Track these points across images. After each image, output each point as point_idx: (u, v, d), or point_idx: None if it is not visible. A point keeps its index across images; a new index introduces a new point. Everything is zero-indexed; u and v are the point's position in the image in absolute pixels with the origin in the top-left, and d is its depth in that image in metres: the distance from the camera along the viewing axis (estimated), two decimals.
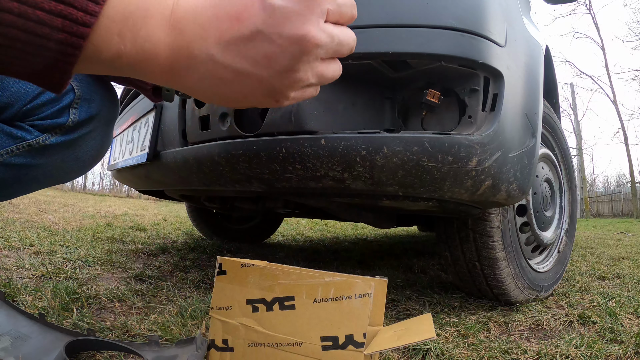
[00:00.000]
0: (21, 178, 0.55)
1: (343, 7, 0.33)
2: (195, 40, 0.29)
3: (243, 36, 0.29)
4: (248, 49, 0.29)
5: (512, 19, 0.80)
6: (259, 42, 0.29)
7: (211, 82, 0.31)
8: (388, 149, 0.67)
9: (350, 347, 0.49)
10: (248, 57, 0.29)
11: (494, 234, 0.95)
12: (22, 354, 0.59)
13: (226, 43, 0.29)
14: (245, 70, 0.30)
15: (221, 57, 0.29)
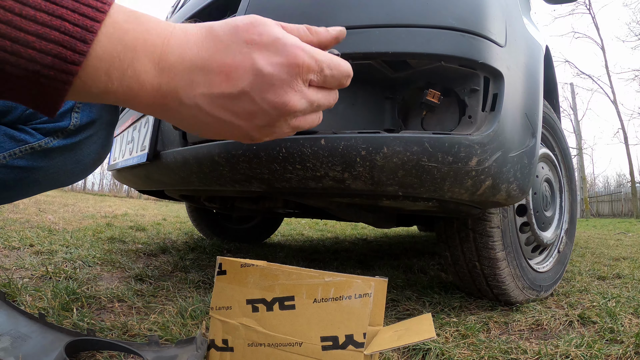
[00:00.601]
0: (23, 180, 0.55)
1: (330, 77, 0.35)
2: (184, 88, 0.30)
3: (230, 94, 0.31)
4: (233, 104, 0.31)
5: (512, 19, 0.80)
6: (243, 101, 0.31)
7: (193, 122, 0.33)
8: (388, 149, 0.67)
9: (350, 347, 0.49)
10: (231, 111, 0.32)
11: (494, 234, 0.95)
12: (22, 354, 0.59)
13: (213, 96, 0.31)
14: (227, 120, 0.32)
15: (206, 107, 0.31)
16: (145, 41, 0.29)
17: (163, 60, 0.29)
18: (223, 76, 0.30)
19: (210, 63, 0.30)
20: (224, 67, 0.30)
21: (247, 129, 0.33)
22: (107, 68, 0.27)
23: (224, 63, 0.30)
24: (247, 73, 0.30)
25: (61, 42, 0.25)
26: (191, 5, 1.03)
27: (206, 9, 0.95)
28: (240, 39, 0.31)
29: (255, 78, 0.31)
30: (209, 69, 0.30)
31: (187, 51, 0.30)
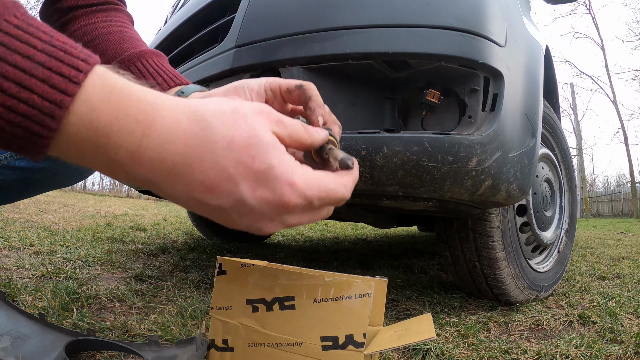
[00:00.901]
0: (25, 181, 0.55)
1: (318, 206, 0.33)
2: (162, 183, 0.28)
3: (208, 203, 0.29)
4: (210, 208, 0.30)
5: (512, 19, 0.80)
6: (222, 213, 0.30)
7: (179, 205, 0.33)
8: (388, 149, 0.67)
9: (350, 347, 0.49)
10: (209, 211, 0.30)
11: (494, 234, 0.95)
12: (22, 354, 0.59)
13: (192, 197, 0.29)
14: (208, 216, 0.31)
15: (184, 201, 0.30)
16: (120, 129, 0.25)
17: (140, 155, 0.26)
18: (204, 187, 0.28)
19: (193, 171, 0.27)
20: (207, 181, 0.28)
21: (229, 224, 0.32)
22: (78, 150, 0.25)
23: (208, 177, 0.28)
24: (229, 196, 0.29)
25: (30, 116, 0.23)
26: (191, 5, 1.03)
27: (206, 9, 0.95)
28: (232, 156, 0.28)
29: (235, 203, 0.29)
30: (191, 177, 0.28)
31: (171, 148, 0.27)
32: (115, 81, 0.26)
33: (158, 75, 0.53)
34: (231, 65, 0.78)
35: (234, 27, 0.81)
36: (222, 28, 0.87)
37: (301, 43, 0.72)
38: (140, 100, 0.26)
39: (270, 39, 0.75)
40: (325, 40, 0.71)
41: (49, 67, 0.23)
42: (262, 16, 0.78)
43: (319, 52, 0.71)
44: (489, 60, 0.70)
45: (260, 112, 0.30)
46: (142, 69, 0.53)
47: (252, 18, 0.79)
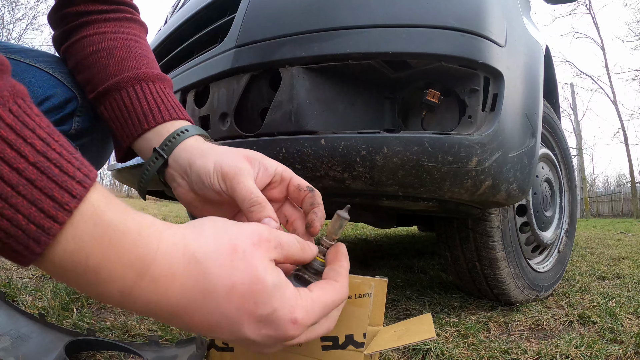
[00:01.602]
0: None
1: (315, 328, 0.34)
2: (161, 319, 0.28)
3: (210, 335, 0.30)
4: (213, 336, 0.30)
5: (512, 19, 0.80)
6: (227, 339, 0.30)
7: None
8: (388, 149, 0.67)
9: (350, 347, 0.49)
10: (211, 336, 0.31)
11: (494, 234, 0.95)
12: (22, 354, 0.59)
13: (192, 330, 0.29)
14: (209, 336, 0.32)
15: (186, 329, 0.30)
16: (112, 272, 0.24)
17: (133, 298, 0.25)
18: (206, 327, 0.28)
19: (192, 316, 0.27)
20: (208, 323, 0.28)
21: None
22: (65, 279, 0.24)
23: (208, 321, 0.27)
24: (232, 334, 0.29)
25: (13, 235, 0.21)
26: (191, 5, 1.03)
27: (206, 9, 0.95)
28: (233, 304, 0.27)
29: (240, 339, 0.29)
30: (191, 320, 0.27)
31: (165, 298, 0.26)
32: (111, 217, 0.24)
33: (155, 104, 0.49)
34: (231, 65, 0.78)
35: (234, 27, 0.81)
36: (222, 28, 0.87)
37: (301, 43, 0.72)
38: (135, 245, 0.25)
39: (270, 39, 0.75)
40: (325, 40, 0.71)
41: (39, 187, 0.21)
42: (262, 16, 0.78)
43: (319, 52, 0.71)
44: (489, 60, 0.70)
45: (259, 244, 0.29)
46: (140, 94, 0.49)
47: (252, 18, 0.79)
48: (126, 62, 0.51)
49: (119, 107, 0.49)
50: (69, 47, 0.53)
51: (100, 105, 0.50)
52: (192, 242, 0.27)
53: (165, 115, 0.48)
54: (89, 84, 0.51)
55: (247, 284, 0.27)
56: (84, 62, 0.52)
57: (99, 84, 0.50)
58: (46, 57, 0.55)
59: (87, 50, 0.52)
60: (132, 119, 0.48)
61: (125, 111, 0.48)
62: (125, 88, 0.49)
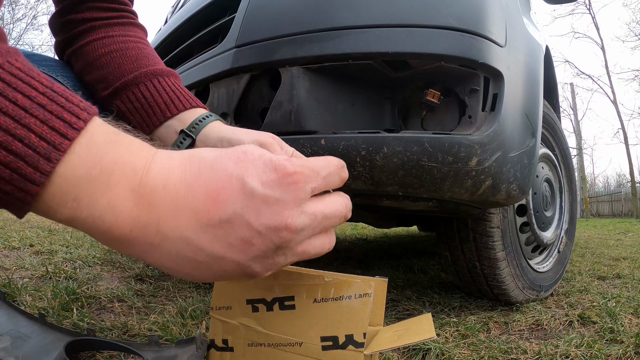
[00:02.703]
0: None
1: (329, 177, 0.32)
2: (167, 218, 0.26)
3: (220, 219, 0.26)
4: (225, 232, 0.27)
5: (512, 19, 0.80)
6: (237, 226, 0.27)
7: (179, 262, 0.28)
8: (388, 149, 0.67)
9: (350, 347, 0.49)
10: (224, 241, 0.27)
11: (494, 234, 0.95)
12: (22, 354, 0.59)
13: (201, 225, 0.26)
14: (220, 254, 0.27)
15: (195, 239, 0.27)
16: (125, 164, 0.25)
17: (143, 186, 0.25)
18: (210, 201, 0.26)
19: (194, 187, 0.26)
20: (209, 191, 0.26)
21: (245, 262, 0.28)
22: (75, 193, 0.23)
23: (208, 186, 0.26)
24: (238, 193, 0.27)
25: (23, 156, 0.22)
26: (191, 5, 1.03)
27: (206, 9, 0.95)
28: (224, 159, 0.28)
29: (248, 199, 0.27)
30: (194, 195, 0.26)
31: (171, 175, 0.26)
32: (119, 131, 0.27)
33: (174, 95, 0.54)
34: (231, 65, 0.78)
35: (234, 27, 0.81)
36: (222, 28, 0.87)
37: (301, 43, 0.72)
38: (140, 143, 0.27)
39: (270, 39, 0.75)
40: (325, 40, 0.71)
41: (49, 110, 0.23)
42: (262, 16, 0.78)
43: (319, 52, 0.71)
44: (489, 60, 0.70)
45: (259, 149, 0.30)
46: (158, 87, 0.54)
47: (252, 18, 0.79)
48: (140, 60, 0.55)
49: (138, 99, 0.53)
50: (77, 50, 0.55)
51: (116, 100, 0.53)
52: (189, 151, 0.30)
53: (185, 104, 0.54)
54: (102, 81, 0.54)
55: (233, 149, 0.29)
56: (95, 62, 0.54)
57: (114, 80, 0.53)
58: (49, 62, 0.55)
59: (98, 52, 0.54)
60: (153, 108, 0.53)
61: (145, 103, 0.53)
62: (143, 82, 0.53)
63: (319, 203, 0.31)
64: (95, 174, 0.24)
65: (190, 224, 0.26)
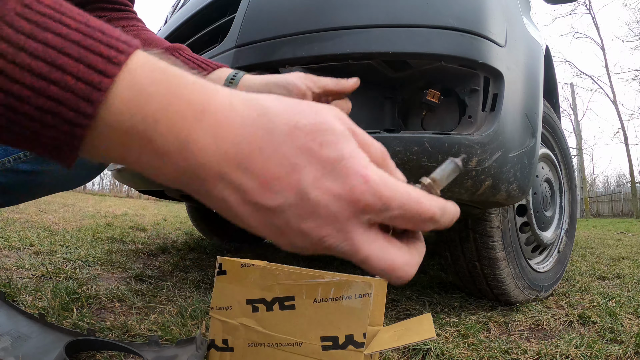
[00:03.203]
0: (28, 184, 0.55)
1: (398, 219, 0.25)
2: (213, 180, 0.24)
3: (262, 206, 0.24)
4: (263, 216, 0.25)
5: (512, 19, 0.80)
6: (276, 217, 0.24)
7: (219, 209, 0.26)
8: (388, 149, 0.67)
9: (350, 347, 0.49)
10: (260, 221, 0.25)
11: (494, 234, 0.95)
12: (22, 354, 0.59)
13: (244, 201, 0.24)
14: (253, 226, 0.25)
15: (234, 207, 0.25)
16: (174, 113, 0.22)
17: (192, 142, 0.22)
18: (260, 184, 0.23)
19: (249, 163, 0.23)
20: (264, 174, 0.23)
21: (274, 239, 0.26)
22: (120, 138, 0.22)
23: (265, 169, 0.23)
24: (289, 190, 0.23)
25: (62, 101, 0.20)
26: (191, 5, 1.03)
27: (206, 8, 0.95)
28: (295, 143, 0.23)
29: (296, 199, 0.23)
30: (246, 169, 0.23)
31: (226, 136, 0.23)
32: (166, 65, 0.23)
33: (199, 61, 0.57)
34: (231, 65, 0.78)
35: (234, 27, 0.81)
36: (222, 28, 0.87)
37: (301, 43, 0.72)
38: (194, 83, 0.23)
39: (270, 39, 0.75)
40: (325, 40, 0.71)
41: (84, 46, 0.21)
42: (262, 16, 0.78)
43: (318, 52, 0.71)
44: (489, 60, 0.70)
45: (330, 108, 0.25)
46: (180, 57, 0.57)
47: (252, 18, 0.79)
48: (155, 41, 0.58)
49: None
50: None
51: None
52: (252, 94, 0.25)
53: (212, 65, 0.56)
54: None
55: (312, 124, 0.24)
56: None
57: None
58: None
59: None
60: None
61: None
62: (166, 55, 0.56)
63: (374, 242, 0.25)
64: (139, 121, 0.22)
65: (235, 195, 0.24)
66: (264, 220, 0.24)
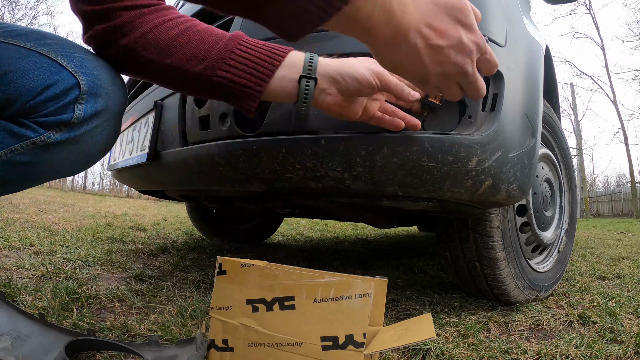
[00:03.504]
0: (27, 174, 0.54)
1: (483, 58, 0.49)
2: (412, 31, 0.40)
3: (438, 46, 0.42)
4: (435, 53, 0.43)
5: (512, 19, 0.80)
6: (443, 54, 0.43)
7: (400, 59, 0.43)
8: (388, 149, 0.67)
9: (350, 347, 0.49)
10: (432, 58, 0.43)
11: (494, 234, 0.95)
12: (22, 354, 0.59)
13: (427, 44, 0.42)
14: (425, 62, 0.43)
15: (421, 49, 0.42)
16: None
17: (404, 5, 0.38)
18: (438, 33, 0.42)
19: (432, 20, 0.41)
20: (441, 28, 0.42)
21: (430, 71, 0.44)
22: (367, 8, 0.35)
23: (441, 25, 0.42)
24: (454, 38, 0.43)
25: None
26: (191, 5, 1.03)
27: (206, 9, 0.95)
28: (452, 15, 0.42)
29: (457, 43, 0.43)
30: (430, 24, 0.41)
31: (420, 4, 0.40)
32: None
33: (268, 47, 0.58)
34: None
35: (233, 27, 0.81)
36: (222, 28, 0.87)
37: (301, 43, 0.72)
38: None
39: (270, 39, 0.75)
40: (325, 40, 0.71)
41: None
42: None
43: (318, 52, 0.71)
44: None
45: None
46: (249, 46, 0.57)
47: None
48: (213, 32, 0.58)
49: (240, 61, 0.55)
50: (140, 39, 0.56)
51: (218, 71, 0.55)
52: None
53: (282, 49, 0.57)
54: (193, 59, 0.56)
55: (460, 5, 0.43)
56: (172, 45, 0.56)
57: (206, 53, 0.56)
58: (48, 39, 0.54)
59: (169, 35, 0.56)
60: (259, 64, 0.56)
61: (249, 62, 0.55)
62: (234, 46, 0.56)
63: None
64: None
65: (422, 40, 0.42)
66: (434, 56, 0.43)
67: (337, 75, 0.56)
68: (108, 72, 0.57)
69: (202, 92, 0.59)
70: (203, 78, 0.56)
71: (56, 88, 0.51)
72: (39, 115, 0.51)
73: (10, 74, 0.48)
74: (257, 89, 0.56)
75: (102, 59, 0.58)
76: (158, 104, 1.01)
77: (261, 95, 0.56)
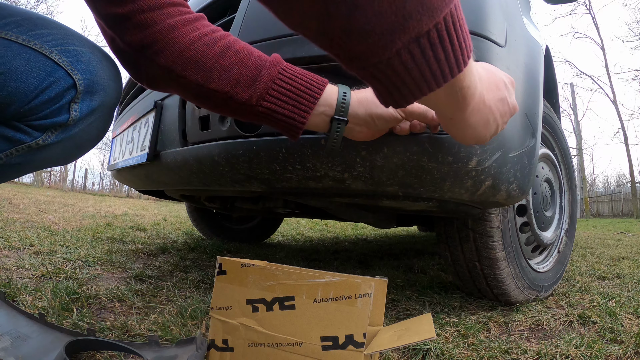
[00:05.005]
0: (22, 170, 0.55)
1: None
2: (486, 93, 0.48)
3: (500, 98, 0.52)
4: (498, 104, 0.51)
5: (512, 19, 0.80)
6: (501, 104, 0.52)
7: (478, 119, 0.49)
8: (388, 149, 0.67)
9: (350, 347, 0.49)
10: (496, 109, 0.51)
11: (494, 234, 0.95)
12: (22, 354, 0.59)
13: (496, 99, 0.51)
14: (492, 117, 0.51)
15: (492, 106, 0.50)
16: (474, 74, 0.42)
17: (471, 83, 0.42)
18: (495, 87, 0.51)
19: (495, 82, 0.52)
20: (498, 85, 0.52)
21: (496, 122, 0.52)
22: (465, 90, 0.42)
23: (497, 84, 0.52)
24: (502, 94, 0.52)
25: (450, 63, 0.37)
26: (191, 5, 1.03)
27: (206, 9, 0.95)
28: (497, 85, 0.52)
29: (499, 102, 0.52)
30: (495, 85, 0.51)
31: (481, 78, 0.46)
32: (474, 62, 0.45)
33: (306, 77, 0.56)
34: None
35: (234, 27, 0.81)
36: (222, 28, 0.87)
37: (301, 43, 0.72)
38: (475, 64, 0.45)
39: (270, 39, 0.75)
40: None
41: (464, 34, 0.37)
42: (262, 16, 0.78)
43: (319, 52, 0.71)
44: (489, 60, 0.70)
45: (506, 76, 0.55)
46: (289, 75, 0.55)
47: (252, 18, 0.79)
48: (252, 54, 0.54)
49: (284, 93, 0.54)
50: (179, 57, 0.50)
51: (262, 101, 0.53)
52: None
53: (320, 81, 0.56)
54: (237, 85, 0.52)
55: (508, 80, 0.55)
56: (215, 68, 0.52)
57: (250, 82, 0.53)
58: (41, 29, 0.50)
59: (211, 54, 0.52)
60: (301, 96, 0.54)
61: (292, 93, 0.54)
62: (276, 77, 0.54)
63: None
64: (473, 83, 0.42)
65: (493, 98, 0.50)
66: (498, 108, 0.51)
67: (368, 117, 0.58)
68: (104, 65, 0.55)
69: (242, 116, 0.57)
70: (247, 107, 0.54)
71: (52, 91, 0.49)
72: (34, 118, 0.50)
73: (2, 76, 0.46)
74: (301, 120, 0.55)
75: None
76: (158, 104, 1.01)
77: (304, 126, 0.55)
